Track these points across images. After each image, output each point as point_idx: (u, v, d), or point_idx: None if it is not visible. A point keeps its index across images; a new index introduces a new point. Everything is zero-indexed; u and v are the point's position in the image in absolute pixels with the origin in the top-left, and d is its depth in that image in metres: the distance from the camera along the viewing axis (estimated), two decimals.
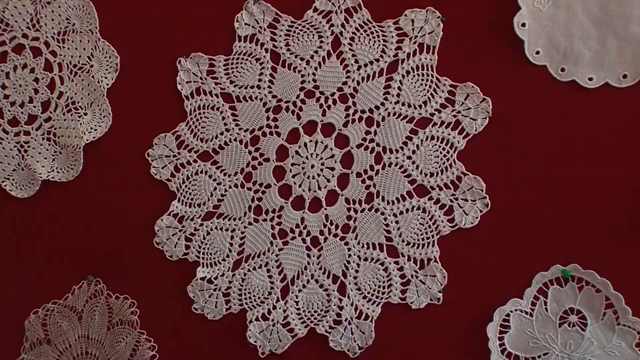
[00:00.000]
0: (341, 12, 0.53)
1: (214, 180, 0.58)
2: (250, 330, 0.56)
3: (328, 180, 0.56)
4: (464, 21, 0.51)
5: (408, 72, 0.54)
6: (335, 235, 0.56)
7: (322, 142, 0.56)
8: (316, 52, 0.55)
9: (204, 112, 0.58)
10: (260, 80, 0.57)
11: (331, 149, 0.56)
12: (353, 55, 0.55)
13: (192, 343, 0.58)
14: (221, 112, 0.57)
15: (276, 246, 0.57)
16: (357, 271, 0.55)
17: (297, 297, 0.56)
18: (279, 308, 0.56)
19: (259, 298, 0.57)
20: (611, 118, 0.50)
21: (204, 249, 0.58)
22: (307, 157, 0.56)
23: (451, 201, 0.54)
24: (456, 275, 0.54)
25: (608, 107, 0.50)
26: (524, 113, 0.52)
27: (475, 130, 0.53)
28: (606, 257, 0.50)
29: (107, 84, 0.58)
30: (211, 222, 0.58)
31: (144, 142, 0.59)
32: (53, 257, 0.60)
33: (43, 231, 0.60)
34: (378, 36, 0.53)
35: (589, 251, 0.50)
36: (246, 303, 0.57)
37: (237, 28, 0.56)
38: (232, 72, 0.57)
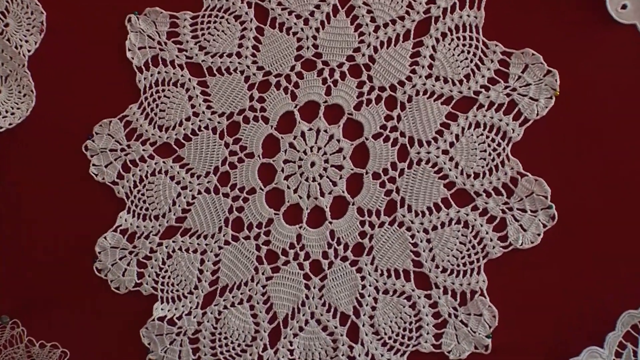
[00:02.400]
0: None
1: (177, 183, 0.57)
2: None
3: (334, 184, 0.55)
4: None
5: (444, 35, 0.53)
6: (344, 259, 0.55)
7: (325, 131, 0.55)
8: (318, 6, 0.54)
9: (163, 90, 0.57)
10: (240, 46, 0.56)
11: (338, 141, 0.55)
12: (369, 12, 0.54)
13: None
14: (187, 90, 0.56)
15: (263, 274, 0.56)
16: (373, 308, 0.54)
17: (291, 344, 0.55)
18: (267, 359, 0.53)
19: (239, 346, 0.56)
20: None
21: (163, 277, 0.57)
22: (305, 152, 0.55)
23: (503, 212, 0.52)
24: (510, 313, 0.52)
25: None
26: (604, 91, 0.51)
27: (537, 115, 0.51)
28: None
29: (29, 50, 0.57)
30: (173, 241, 0.57)
31: (79, 130, 0.58)
32: None
33: None
34: None
35: None
36: (221, 353, 0.56)
37: None
38: (203, 34, 0.56)
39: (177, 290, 0.56)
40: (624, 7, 0.49)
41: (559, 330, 0.52)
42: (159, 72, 0.56)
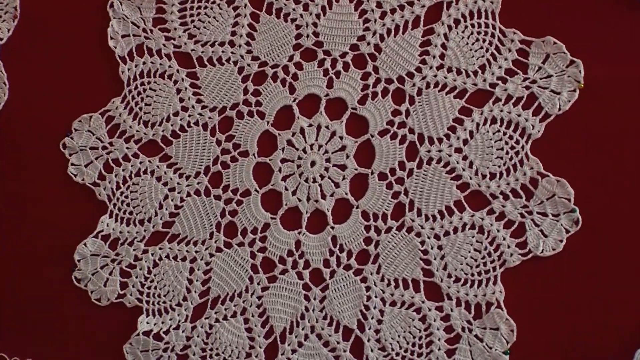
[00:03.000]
0: None
1: (165, 184, 0.57)
2: None
3: (336, 185, 0.55)
4: None
5: (457, 22, 0.53)
6: (348, 268, 0.54)
7: (327, 127, 0.55)
8: None
9: (149, 82, 0.57)
10: (234, 34, 0.56)
11: (341, 138, 0.55)
12: None
13: None
14: (175, 82, 0.57)
15: (258, 284, 0.55)
16: (380, 321, 0.54)
17: None
18: None
19: None
20: None
21: (149, 288, 0.57)
22: (304, 150, 0.55)
23: (522, 216, 0.51)
24: (529, 327, 0.52)
25: None
26: (633, 83, 0.50)
27: (559, 109, 0.51)
28: None
29: (1, 39, 0.57)
30: (160, 249, 0.57)
31: (57, 127, 0.58)
32: None
33: None
34: None
35: None
36: None
37: None
38: (192, 21, 0.56)
39: (164, 302, 0.56)
40: None
41: (583, 346, 0.51)
42: (144, 63, 0.56)
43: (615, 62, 0.50)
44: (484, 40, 0.51)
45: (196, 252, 0.56)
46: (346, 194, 0.54)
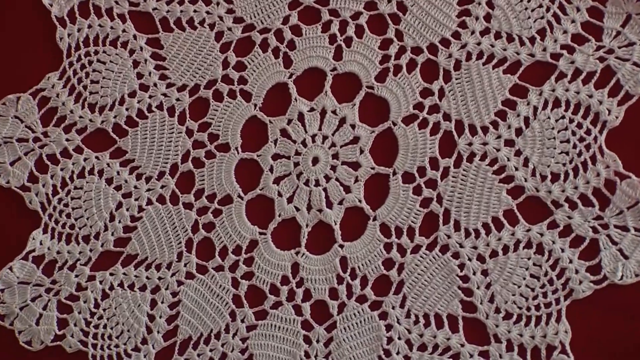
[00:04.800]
0: None
1: (118, 189, 0.56)
2: None
3: (347, 189, 0.54)
4: None
5: None
6: (362, 300, 0.53)
7: (334, 112, 0.54)
8: None
9: (96, 52, 0.57)
10: None
11: (353, 127, 0.54)
12: None
13: None
14: (131, 52, 0.57)
15: (243, 322, 0.54)
16: None
17: None
18: None
19: None
20: None
21: (96, 327, 0.55)
22: (304, 143, 0.54)
23: (595, 231, 0.50)
24: None
25: None
26: None
27: None
28: None
29: None
30: (111, 274, 0.56)
31: None
32: None
33: None
34: None
35: None
36: None
37: None
38: None
39: (117, 346, 0.55)
40: None
41: None
42: (89, 26, 0.56)
43: None
44: None
45: (160, 278, 0.55)
46: (360, 201, 0.53)
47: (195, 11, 0.55)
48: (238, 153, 0.54)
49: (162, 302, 0.54)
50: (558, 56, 0.50)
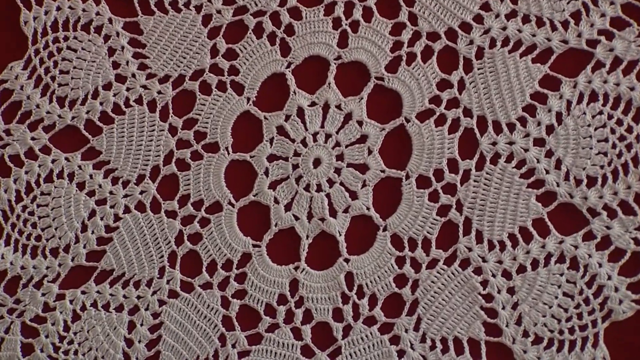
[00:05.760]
0: None
1: (91, 195, 0.56)
2: None
3: (353, 195, 0.53)
4: None
5: None
6: (371, 322, 0.52)
7: (338, 106, 0.54)
8: None
9: (66, 38, 0.56)
10: None
11: (360, 124, 0.54)
12: None
13: None
14: (106, 38, 0.56)
15: (234, 347, 0.53)
16: None
17: None
18: None
19: None
20: None
21: (66, 353, 0.55)
22: (304, 142, 0.54)
23: (636, 242, 0.49)
24: None
25: None
26: None
27: None
28: None
29: None
30: (83, 293, 0.55)
31: None
32: None
33: None
34: None
35: None
36: None
37: None
38: None
39: None
40: None
41: None
42: (58, 9, 0.56)
43: None
44: None
45: (139, 297, 0.54)
46: (368, 208, 0.53)
47: None
48: (228, 154, 0.54)
49: (142, 325, 0.54)
50: (595, 43, 0.50)
